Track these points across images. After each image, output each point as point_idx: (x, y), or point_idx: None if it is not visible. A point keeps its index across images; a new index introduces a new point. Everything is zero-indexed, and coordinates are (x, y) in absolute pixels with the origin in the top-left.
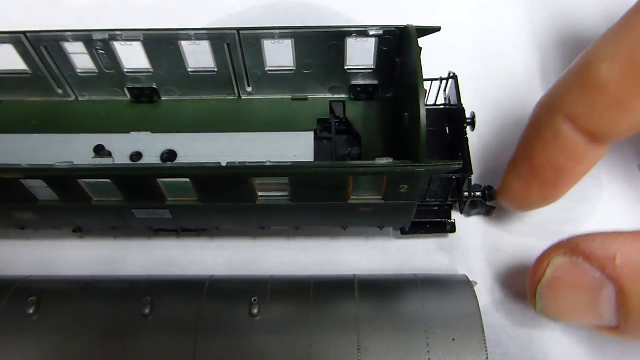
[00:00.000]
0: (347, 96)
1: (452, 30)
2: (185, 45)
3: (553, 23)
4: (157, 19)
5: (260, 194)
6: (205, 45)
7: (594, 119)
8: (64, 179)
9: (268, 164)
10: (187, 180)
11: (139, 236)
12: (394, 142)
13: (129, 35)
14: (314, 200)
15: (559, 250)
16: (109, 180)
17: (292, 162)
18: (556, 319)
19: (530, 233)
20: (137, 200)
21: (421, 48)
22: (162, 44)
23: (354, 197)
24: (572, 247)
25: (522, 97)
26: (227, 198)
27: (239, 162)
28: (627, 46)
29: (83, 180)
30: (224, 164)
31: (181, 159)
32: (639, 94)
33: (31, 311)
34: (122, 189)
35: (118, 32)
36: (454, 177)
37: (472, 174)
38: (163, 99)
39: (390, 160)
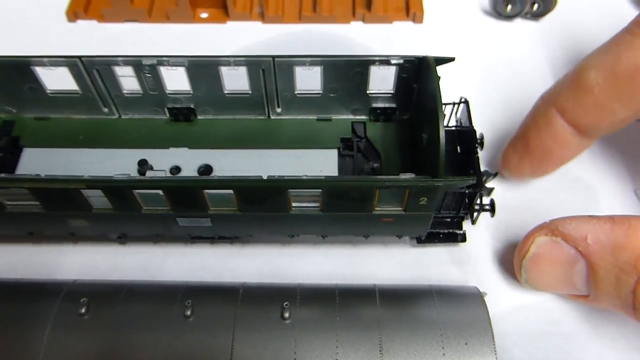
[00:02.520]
0: (368, 117)
1: (462, 58)
2: (224, 70)
3: (563, 53)
4: (192, 46)
5: (294, 204)
6: (241, 69)
7: (580, 115)
8: (121, 189)
9: (304, 177)
10: (230, 191)
11: (176, 243)
12: (410, 159)
13: (175, 61)
14: (342, 210)
15: (542, 231)
16: (160, 191)
17: (325, 176)
18: (538, 288)
19: None
20: (182, 209)
21: (440, 77)
22: (204, 69)
23: (378, 208)
24: (552, 228)
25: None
26: (263, 208)
27: (278, 176)
28: (611, 59)
29: (137, 190)
30: (263, 176)
31: (216, 173)
32: (617, 100)
33: (82, 310)
34: (170, 199)
35: (165, 58)
36: (466, 192)
37: (482, 189)
38: (199, 117)
39: (412, 175)
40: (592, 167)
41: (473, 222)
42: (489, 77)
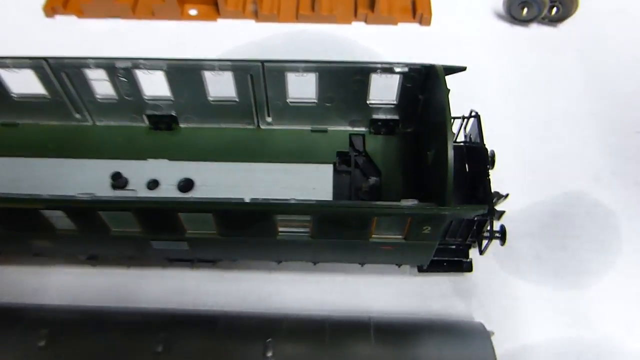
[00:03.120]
0: (367, 129)
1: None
2: (207, 75)
3: (583, 62)
4: (179, 45)
5: (281, 229)
6: (227, 74)
7: None
8: (84, 210)
9: (292, 201)
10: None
11: (153, 265)
12: (414, 177)
13: (152, 64)
14: (335, 237)
15: None
16: (129, 212)
17: (316, 201)
18: None
19: (546, 281)
20: (155, 231)
21: (449, 89)
22: (185, 74)
23: (375, 235)
24: None
25: (541, 135)
26: (247, 232)
27: (263, 199)
28: None
29: (104, 212)
30: (246, 198)
31: (198, 188)
32: None
33: (42, 344)
34: (142, 221)
35: (141, 61)
36: (475, 218)
37: (494, 215)
38: (181, 126)
39: (416, 202)
40: (613, 191)
41: (481, 252)
42: (501, 88)
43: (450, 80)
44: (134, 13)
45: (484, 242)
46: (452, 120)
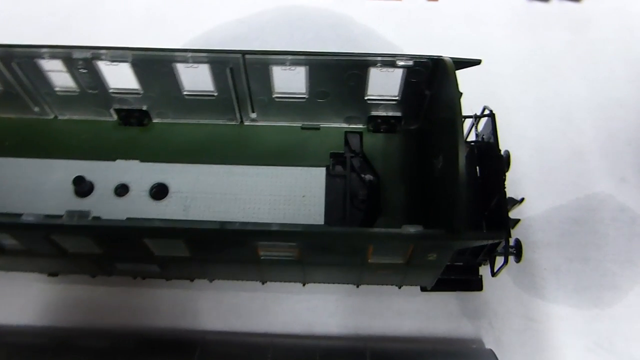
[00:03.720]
0: (365, 127)
1: (485, 49)
2: (180, 67)
3: (609, 42)
4: (155, 22)
5: (263, 253)
6: (202, 67)
7: None
8: (32, 234)
9: (274, 227)
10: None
11: (123, 279)
12: (418, 182)
13: (115, 54)
14: (325, 262)
15: None
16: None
17: (302, 228)
18: None
19: (566, 300)
20: (119, 254)
21: (461, 93)
22: (154, 66)
23: (372, 259)
24: None
25: (561, 128)
26: (224, 256)
27: (239, 224)
28: None
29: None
30: (229, 212)
31: (173, 195)
32: None
33: None
34: (101, 245)
35: (102, 51)
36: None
37: (509, 236)
38: (154, 121)
39: (420, 228)
40: (639, 193)
41: (494, 274)
42: (517, 74)
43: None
44: None
45: (497, 259)
46: (463, 119)
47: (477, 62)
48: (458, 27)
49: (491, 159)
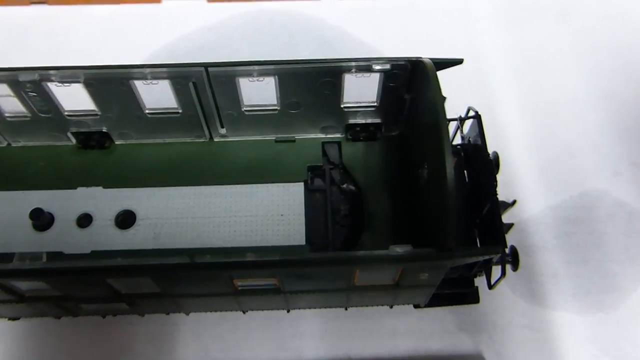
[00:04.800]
0: (343, 136)
1: (463, 45)
2: (138, 84)
3: (590, 36)
4: (115, 34)
5: (240, 283)
6: (163, 83)
7: None
8: None
9: (249, 257)
10: None
11: (91, 318)
12: (403, 195)
13: (65, 75)
14: (308, 290)
15: None
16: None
17: (281, 256)
18: None
19: (567, 305)
20: (82, 294)
21: (445, 97)
22: (110, 84)
23: (359, 282)
24: None
25: (548, 123)
26: (198, 289)
27: (211, 256)
28: None
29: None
30: (200, 243)
31: (141, 222)
32: None
33: None
34: (60, 287)
35: (52, 72)
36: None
37: (505, 246)
38: (117, 143)
39: (409, 248)
40: (636, 185)
41: (491, 287)
42: (500, 68)
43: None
44: None
45: (493, 268)
46: (447, 123)
47: (458, 62)
48: (435, 24)
49: (480, 163)
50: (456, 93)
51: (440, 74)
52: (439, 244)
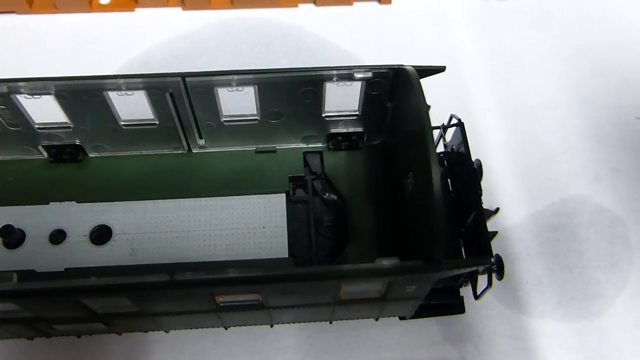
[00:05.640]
0: (325, 145)
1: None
2: (112, 95)
3: (568, 41)
4: (88, 44)
5: (221, 300)
6: (139, 94)
7: None
8: None
9: (231, 274)
10: None
11: (66, 338)
12: (387, 204)
13: (35, 87)
14: (292, 304)
15: None
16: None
17: (264, 271)
18: None
19: (552, 313)
20: (55, 315)
21: (429, 106)
22: (82, 96)
23: (345, 295)
24: None
25: (529, 129)
26: (177, 306)
27: (192, 273)
28: None
29: None
30: (179, 257)
31: (117, 238)
32: None
33: None
34: (31, 308)
35: (21, 84)
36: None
37: (491, 256)
38: (91, 156)
39: (395, 260)
40: (617, 191)
41: (477, 297)
42: (479, 75)
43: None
44: (31, 7)
45: (479, 278)
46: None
47: (441, 70)
48: (414, 30)
49: (464, 171)
50: (436, 100)
51: (421, 81)
52: (427, 256)
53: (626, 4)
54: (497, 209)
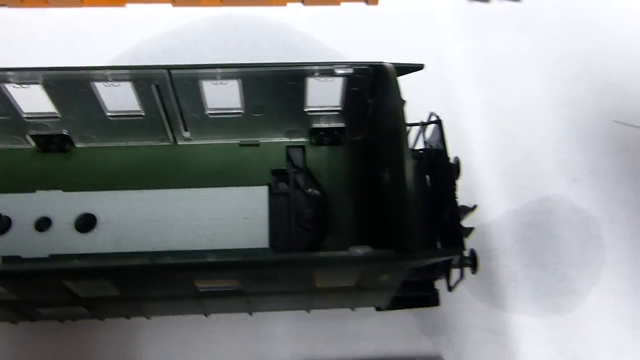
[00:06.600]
0: (308, 140)
1: (426, 52)
2: (100, 86)
3: (550, 44)
4: (78, 38)
5: (201, 285)
6: (125, 85)
7: None
8: None
9: (210, 259)
10: None
11: (49, 322)
12: (367, 199)
13: (23, 76)
14: (270, 291)
15: None
16: None
17: (241, 257)
18: None
19: (525, 308)
20: (38, 298)
21: (405, 101)
22: (70, 86)
23: (321, 284)
24: None
25: (510, 130)
26: (159, 291)
27: (172, 257)
28: None
29: None
30: (163, 246)
31: (102, 226)
32: None
33: None
34: (15, 291)
35: (9, 73)
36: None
37: (464, 248)
38: (78, 146)
39: (368, 249)
40: (593, 192)
41: (450, 289)
42: (462, 76)
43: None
44: (22, 1)
45: (454, 271)
46: (410, 128)
47: (419, 67)
48: (400, 30)
49: (441, 168)
50: (421, 99)
51: (404, 81)
52: (399, 246)
53: (610, 10)
54: (475, 206)
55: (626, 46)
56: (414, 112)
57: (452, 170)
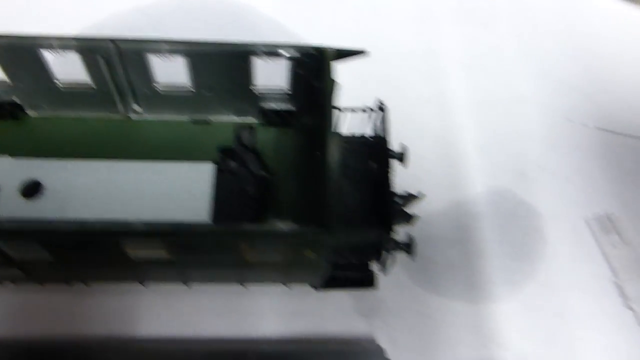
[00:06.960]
0: (259, 122)
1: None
2: (48, 55)
3: (511, 42)
4: (44, 9)
5: (132, 253)
6: (73, 56)
7: None
8: None
9: (138, 225)
10: None
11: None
12: (309, 180)
13: None
14: (200, 262)
15: None
16: None
17: (170, 227)
18: None
19: (461, 295)
20: None
21: (334, 80)
22: (17, 52)
23: (250, 258)
24: None
25: (464, 123)
26: (92, 257)
27: (102, 223)
28: None
29: None
30: (107, 216)
31: (48, 194)
32: None
33: None
34: None
35: None
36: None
37: (390, 230)
38: (30, 115)
39: (291, 224)
40: (539, 187)
41: (384, 272)
42: (420, 68)
43: (362, 62)
44: None
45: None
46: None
47: (360, 53)
48: (365, 19)
49: (383, 154)
50: (377, 87)
51: (362, 68)
52: (319, 222)
53: (573, 11)
54: (419, 194)
55: (583, 46)
56: (370, 100)
57: (387, 155)
